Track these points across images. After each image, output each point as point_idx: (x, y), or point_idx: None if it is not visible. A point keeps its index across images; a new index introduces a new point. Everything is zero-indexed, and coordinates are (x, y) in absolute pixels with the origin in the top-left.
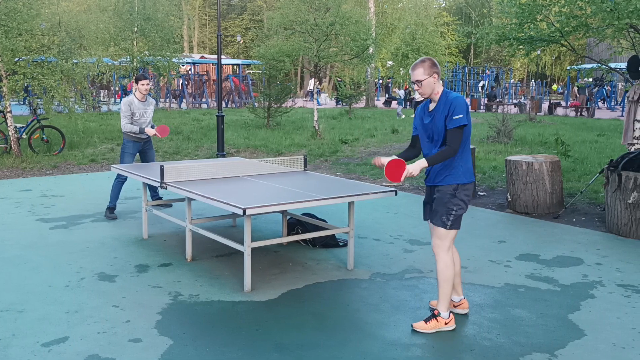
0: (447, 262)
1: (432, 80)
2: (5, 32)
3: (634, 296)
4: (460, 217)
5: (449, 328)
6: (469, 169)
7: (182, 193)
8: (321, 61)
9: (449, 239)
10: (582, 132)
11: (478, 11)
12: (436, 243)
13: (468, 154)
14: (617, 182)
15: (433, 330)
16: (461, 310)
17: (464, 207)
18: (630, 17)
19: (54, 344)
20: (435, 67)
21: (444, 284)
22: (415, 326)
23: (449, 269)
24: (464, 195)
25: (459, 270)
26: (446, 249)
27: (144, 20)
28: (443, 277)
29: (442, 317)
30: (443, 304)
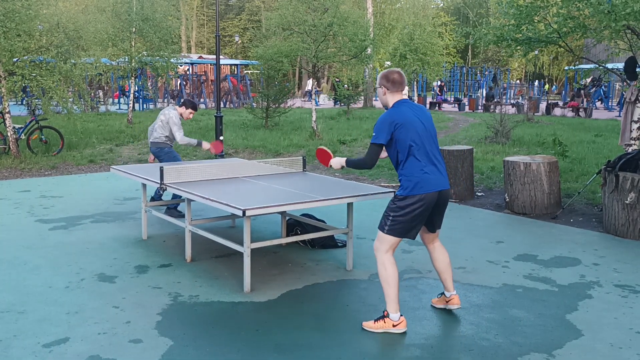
0: (383, 262)
1: (381, 91)
2: (3, 32)
3: (631, 296)
4: (401, 225)
5: (397, 331)
6: (413, 182)
7: (181, 194)
8: (319, 62)
9: (387, 242)
10: (580, 133)
11: (476, 11)
12: (375, 245)
13: (413, 167)
14: (615, 182)
15: (380, 331)
16: (452, 306)
17: (406, 217)
18: (627, 19)
19: (55, 345)
20: (383, 80)
21: (384, 285)
22: (364, 324)
23: (386, 270)
24: (407, 206)
25: (446, 266)
26: (383, 251)
27: (142, 21)
28: (381, 279)
29: (390, 319)
30: (389, 305)
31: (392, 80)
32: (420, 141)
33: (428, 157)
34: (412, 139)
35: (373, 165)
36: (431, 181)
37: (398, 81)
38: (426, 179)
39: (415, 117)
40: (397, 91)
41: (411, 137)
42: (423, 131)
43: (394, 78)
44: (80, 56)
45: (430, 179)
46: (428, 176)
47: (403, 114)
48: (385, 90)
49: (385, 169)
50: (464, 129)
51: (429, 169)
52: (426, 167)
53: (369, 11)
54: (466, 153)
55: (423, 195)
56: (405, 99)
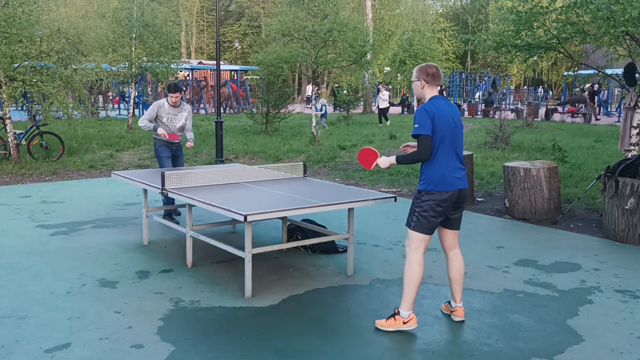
0: (411, 262)
1: (419, 84)
2: (4, 38)
3: (631, 302)
4: (427, 221)
5: (408, 328)
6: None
7: (183, 199)
8: (319, 67)
9: (415, 240)
10: (579, 138)
11: (475, 17)
12: (406, 244)
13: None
14: (614, 188)
15: (392, 329)
16: (455, 318)
17: (430, 213)
18: (626, 25)
19: (57, 350)
20: (421, 74)
21: (406, 283)
22: (377, 323)
23: (412, 269)
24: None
25: (458, 276)
26: (413, 249)
27: (143, 27)
28: (406, 276)
29: (401, 316)
30: (404, 304)
31: (431, 74)
32: (449, 137)
33: (455, 154)
34: (443, 133)
35: (427, 158)
36: (455, 180)
37: (437, 75)
38: (449, 177)
39: (448, 113)
40: (435, 85)
41: (442, 131)
42: (453, 128)
43: (433, 72)
44: (81, 62)
45: (455, 177)
46: (451, 174)
47: (439, 107)
48: (425, 84)
49: (385, 175)
50: (463, 134)
51: (456, 165)
52: (450, 164)
53: (369, 17)
54: (466, 158)
55: (446, 192)
56: (440, 95)
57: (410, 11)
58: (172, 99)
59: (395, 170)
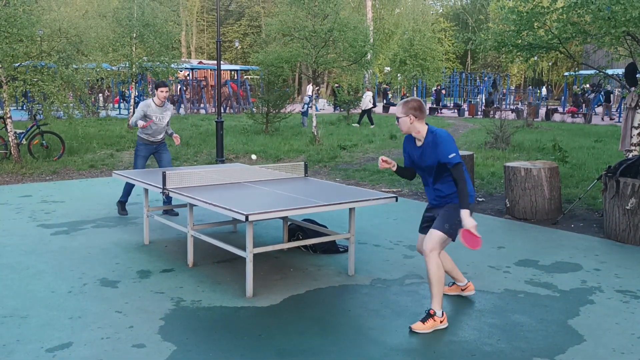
0: (438, 263)
1: (407, 120)
2: (5, 37)
3: (632, 302)
4: (456, 228)
5: (443, 326)
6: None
7: (184, 199)
8: (319, 67)
9: (443, 245)
10: (579, 138)
11: (475, 17)
12: (429, 246)
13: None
14: (615, 188)
15: (431, 330)
16: (468, 293)
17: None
18: (627, 26)
19: (58, 350)
20: (410, 109)
21: (437, 284)
22: (414, 327)
23: (440, 269)
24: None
25: (452, 265)
26: (437, 253)
27: (143, 26)
28: (434, 278)
29: (438, 316)
30: (437, 303)
31: (419, 109)
32: None
33: None
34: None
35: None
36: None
37: (423, 108)
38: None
39: None
40: (423, 118)
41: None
42: None
43: (419, 106)
44: (81, 61)
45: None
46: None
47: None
48: (414, 119)
49: (385, 175)
50: (463, 134)
51: None
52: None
53: (369, 17)
54: (466, 159)
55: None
56: None
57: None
58: (162, 93)
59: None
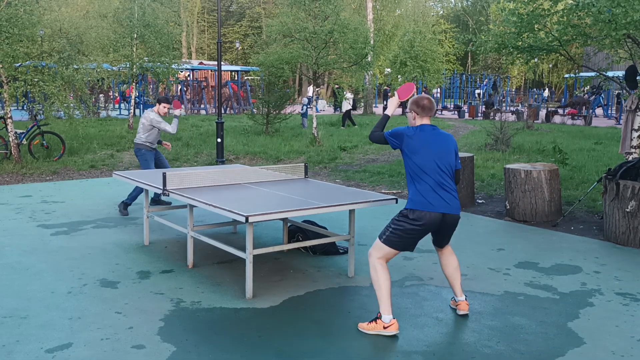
0: (374, 265)
1: (411, 116)
2: (6, 38)
3: (632, 304)
4: (396, 238)
5: (388, 333)
6: (416, 199)
7: (184, 200)
8: (320, 68)
9: (380, 250)
10: (580, 140)
11: (476, 19)
12: (370, 250)
13: (420, 185)
14: (615, 190)
15: (372, 332)
16: (459, 311)
17: (397, 233)
18: (628, 28)
19: (58, 350)
20: (413, 105)
21: (375, 287)
22: (359, 325)
23: (376, 272)
24: (405, 222)
25: (453, 271)
26: (375, 257)
27: (144, 27)
28: (372, 281)
29: (382, 321)
30: (381, 307)
31: (421, 106)
32: (429, 165)
33: (436, 182)
34: (421, 163)
35: (373, 140)
36: (434, 204)
37: (427, 107)
38: (429, 201)
39: (431, 142)
40: (425, 116)
41: (420, 160)
42: (436, 156)
43: (424, 104)
44: (82, 61)
45: (432, 202)
46: (432, 199)
47: (418, 136)
48: (415, 115)
49: (386, 176)
50: (463, 136)
51: (436, 193)
52: (432, 191)
53: (369, 18)
54: (466, 160)
55: (423, 214)
56: (429, 124)
57: (411, 12)
58: (164, 109)
59: (396, 172)
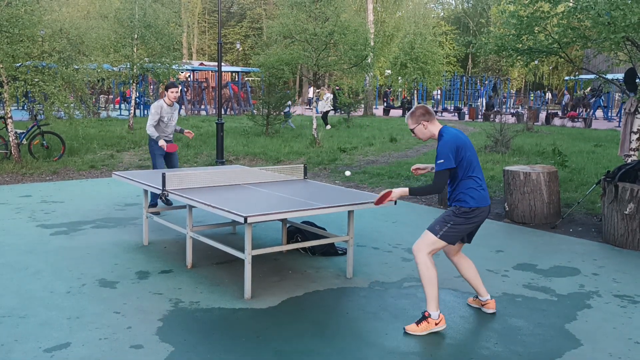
0: (427, 263)
1: (421, 127)
2: (7, 38)
3: (630, 307)
4: (455, 233)
5: (439, 328)
6: (474, 196)
7: (183, 200)
8: (320, 70)
9: (433, 245)
10: (579, 143)
11: (476, 21)
12: (415, 246)
13: (471, 181)
14: (614, 193)
15: (425, 332)
16: (487, 310)
17: (457, 229)
18: (626, 31)
19: (56, 350)
20: (418, 117)
21: (427, 285)
22: (408, 329)
23: (428, 270)
24: (466, 217)
25: (474, 274)
26: (426, 253)
27: (144, 28)
28: (425, 279)
29: (432, 318)
30: (431, 305)
31: (426, 113)
32: (475, 158)
33: (482, 174)
34: (470, 157)
35: (441, 191)
36: (486, 196)
37: (429, 111)
38: (484, 195)
39: (467, 138)
40: (434, 119)
41: (469, 155)
42: (474, 150)
43: (425, 111)
44: (82, 62)
45: (486, 195)
46: (484, 192)
47: (459, 136)
48: (426, 124)
49: (385, 177)
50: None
51: (484, 185)
52: (482, 183)
53: (370, 20)
54: None
55: (483, 208)
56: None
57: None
58: (173, 94)
59: (395, 173)
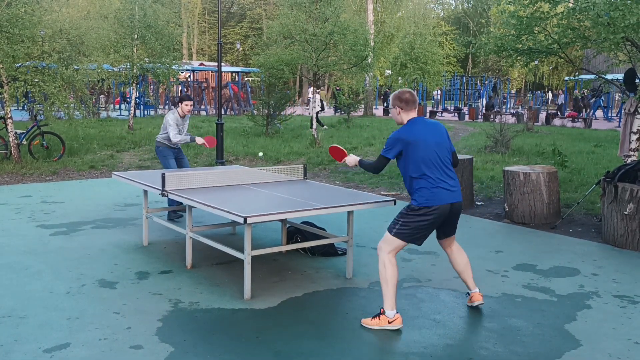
0: (384, 261)
1: (395, 111)
2: (7, 38)
3: (629, 307)
4: (407, 231)
5: (393, 327)
6: (424, 195)
7: (183, 201)
8: (320, 70)
9: (390, 243)
10: (579, 143)
11: (476, 21)
12: (379, 244)
13: (422, 181)
14: (614, 193)
15: (376, 327)
16: (474, 303)
17: (409, 227)
18: (626, 31)
19: (56, 350)
20: (396, 100)
21: (382, 283)
22: (363, 321)
23: (385, 269)
24: (415, 216)
25: (464, 266)
26: (386, 251)
27: (144, 28)
28: (380, 277)
29: (387, 316)
30: (386, 303)
31: (404, 100)
32: (432, 157)
33: (440, 172)
34: (423, 156)
35: (379, 172)
36: (443, 195)
37: (410, 100)
38: (438, 193)
39: (427, 134)
40: (410, 110)
41: (422, 155)
42: (435, 146)
43: (406, 97)
44: (82, 62)
45: (442, 193)
46: (440, 190)
47: (414, 132)
48: (400, 110)
49: (385, 178)
50: (463, 138)
51: (441, 184)
52: (438, 182)
53: (370, 20)
54: (466, 162)
55: (435, 207)
56: (419, 116)
57: (411, 14)
58: (187, 106)
59: (395, 173)
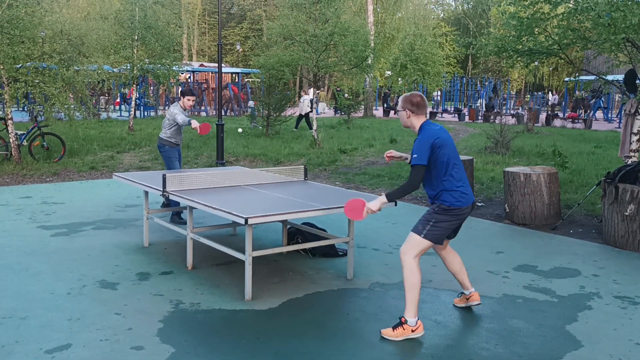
0: (412, 267)
1: (404, 114)
2: (7, 39)
3: (630, 308)
4: (438, 232)
5: (416, 335)
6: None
7: (183, 202)
8: (320, 71)
9: (418, 247)
10: (579, 144)
11: (476, 22)
12: (402, 249)
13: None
14: (614, 194)
15: (400, 338)
16: (472, 303)
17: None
18: (627, 32)
19: (57, 351)
20: (406, 103)
21: (410, 289)
22: (384, 333)
23: (413, 275)
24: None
25: (460, 267)
26: (412, 256)
27: (145, 29)
28: (408, 283)
29: (409, 325)
30: (410, 311)
31: (416, 104)
32: (455, 159)
33: (461, 173)
34: (449, 158)
35: (418, 187)
36: (468, 195)
37: (421, 104)
38: (465, 193)
39: (447, 136)
40: (420, 114)
41: (449, 156)
42: (455, 148)
43: (417, 101)
44: (83, 63)
45: (467, 193)
46: (465, 190)
47: (439, 135)
48: (410, 113)
49: (385, 179)
50: (464, 139)
51: (465, 183)
52: (463, 183)
53: (370, 21)
54: (466, 163)
55: (465, 207)
56: (429, 119)
57: (411, 15)
58: (189, 102)
59: (395, 174)
